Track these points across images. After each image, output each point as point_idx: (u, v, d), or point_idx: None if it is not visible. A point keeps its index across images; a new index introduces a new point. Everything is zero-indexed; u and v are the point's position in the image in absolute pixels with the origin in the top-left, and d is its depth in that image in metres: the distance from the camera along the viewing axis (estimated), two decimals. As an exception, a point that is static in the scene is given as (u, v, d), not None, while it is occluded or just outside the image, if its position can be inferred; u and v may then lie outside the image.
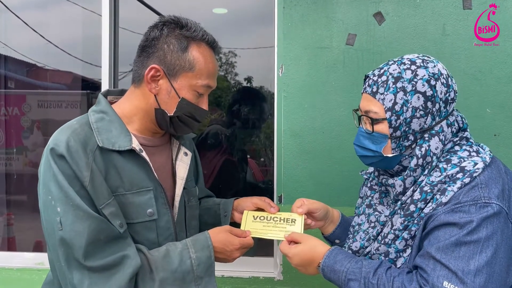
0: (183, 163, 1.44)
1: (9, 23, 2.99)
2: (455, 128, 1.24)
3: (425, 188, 1.17)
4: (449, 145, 1.22)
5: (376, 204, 1.36)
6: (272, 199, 2.28)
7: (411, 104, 1.17)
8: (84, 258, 1.13)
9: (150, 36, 1.31)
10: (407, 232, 1.18)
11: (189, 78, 1.29)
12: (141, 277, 1.20)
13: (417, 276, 1.12)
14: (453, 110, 1.25)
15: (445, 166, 1.18)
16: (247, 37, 2.94)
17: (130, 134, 1.28)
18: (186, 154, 1.46)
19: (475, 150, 1.21)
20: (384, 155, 1.22)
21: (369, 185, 1.44)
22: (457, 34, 2.07)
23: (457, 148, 1.22)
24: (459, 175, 1.14)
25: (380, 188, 1.37)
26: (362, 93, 1.29)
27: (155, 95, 1.30)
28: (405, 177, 1.21)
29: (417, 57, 1.23)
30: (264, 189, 2.77)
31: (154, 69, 1.28)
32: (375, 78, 1.23)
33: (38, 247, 2.83)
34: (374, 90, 1.21)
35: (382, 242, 1.24)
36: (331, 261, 1.24)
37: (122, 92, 1.42)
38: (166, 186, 1.37)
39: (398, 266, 1.20)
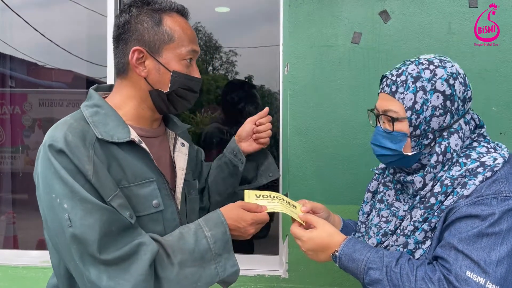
0: (181, 154, 1.42)
1: (11, 22, 2.99)
2: (472, 125, 1.27)
3: (446, 182, 1.19)
4: (467, 142, 1.25)
5: (393, 201, 1.37)
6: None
7: (430, 103, 1.20)
8: (99, 252, 1.09)
9: (120, 22, 1.28)
10: (427, 224, 1.20)
11: (172, 49, 1.27)
12: (159, 263, 1.16)
13: (439, 266, 1.14)
14: (469, 108, 1.28)
15: (464, 161, 1.21)
16: (251, 36, 2.93)
17: (127, 126, 1.25)
18: (183, 144, 1.44)
19: (492, 146, 1.25)
20: (404, 154, 1.24)
21: (382, 181, 1.44)
22: (462, 32, 2.07)
23: (475, 144, 1.25)
24: (480, 169, 1.17)
25: (395, 186, 1.38)
26: (379, 93, 1.30)
27: (145, 78, 1.28)
28: (425, 173, 1.23)
29: (434, 57, 1.25)
30: (270, 187, 2.76)
31: (137, 51, 1.25)
32: (393, 78, 1.25)
33: (40, 245, 2.84)
34: (393, 89, 1.23)
35: (401, 233, 1.25)
36: (350, 250, 1.25)
37: (111, 88, 1.39)
38: (167, 177, 1.34)
39: (416, 258, 1.22)
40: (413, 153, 1.24)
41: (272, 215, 1.41)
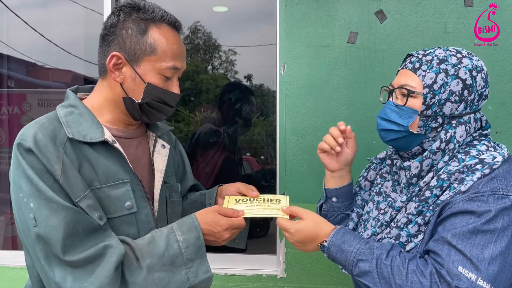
0: (161, 156, 1.39)
1: (9, 22, 2.99)
2: (478, 125, 1.27)
3: (442, 176, 1.19)
4: (468, 139, 1.25)
5: (389, 192, 1.37)
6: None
7: (449, 87, 1.20)
8: (63, 253, 1.06)
9: (108, 23, 1.27)
10: (421, 217, 1.20)
11: (152, 62, 1.24)
12: (127, 267, 1.13)
13: (431, 260, 1.13)
14: (480, 108, 1.28)
15: (463, 157, 1.21)
16: (248, 36, 2.94)
17: (101, 126, 1.23)
18: (163, 146, 1.41)
19: (492, 145, 1.25)
20: (410, 131, 1.23)
21: (379, 172, 1.44)
22: (458, 32, 2.07)
23: (475, 142, 1.25)
24: (478, 166, 1.17)
25: (393, 177, 1.38)
26: (399, 70, 1.31)
27: (120, 84, 1.26)
28: (423, 158, 1.23)
29: (463, 49, 1.27)
30: (268, 186, 2.77)
31: (116, 56, 1.23)
32: (419, 56, 1.26)
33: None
34: (417, 66, 1.24)
35: (395, 226, 1.25)
36: (339, 240, 1.23)
37: (91, 89, 1.36)
38: (144, 179, 1.32)
39: (407, 250, 1.21)
40: (418, 133, 1.24)
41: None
